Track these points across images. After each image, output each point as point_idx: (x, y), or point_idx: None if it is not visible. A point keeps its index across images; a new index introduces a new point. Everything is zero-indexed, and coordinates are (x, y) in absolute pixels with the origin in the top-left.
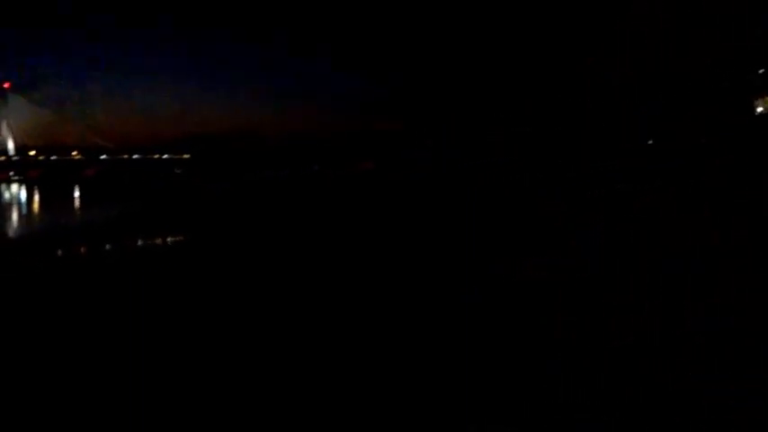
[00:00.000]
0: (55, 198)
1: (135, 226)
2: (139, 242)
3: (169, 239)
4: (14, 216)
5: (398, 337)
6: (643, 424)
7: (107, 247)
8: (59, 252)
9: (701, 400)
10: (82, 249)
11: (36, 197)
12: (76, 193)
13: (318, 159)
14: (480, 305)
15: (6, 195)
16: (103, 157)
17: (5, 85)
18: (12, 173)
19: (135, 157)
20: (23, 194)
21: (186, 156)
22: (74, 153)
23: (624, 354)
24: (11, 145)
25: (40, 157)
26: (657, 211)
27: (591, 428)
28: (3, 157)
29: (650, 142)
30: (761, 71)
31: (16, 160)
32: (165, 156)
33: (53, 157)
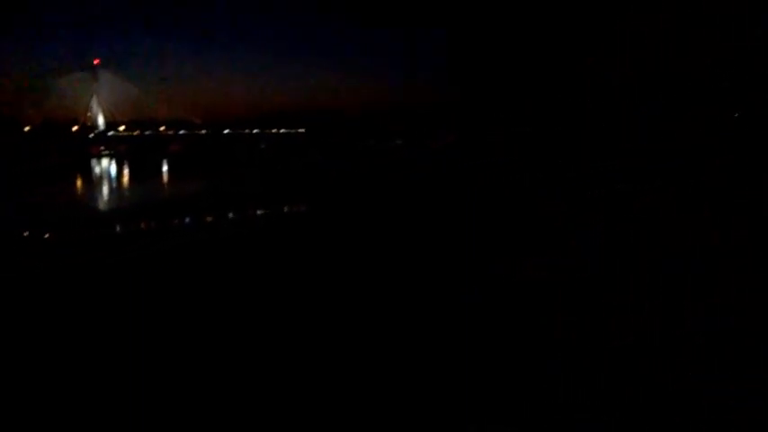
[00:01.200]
0: (143, 172)
1: (221, 201)
2: (230, 216)
3: (257, 213)
4: (105, 189)
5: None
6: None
7: (192, 221)
8: (148, 225)
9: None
10: (170, 222)
11: (125, 171)
12: (164, 168)
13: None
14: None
15: (97, 170)
16: (188, 132)
17: (95, 62)
18: (102, 147)
19: (222, 132)
20: (113, 168)
21: (272, 131)
22: (162, 128)
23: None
24: (101, 120)
25: (130, 133)
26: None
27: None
28: (93, 133)
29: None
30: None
31: (106, 135)
32: (252, 131)
33: (142, 132)
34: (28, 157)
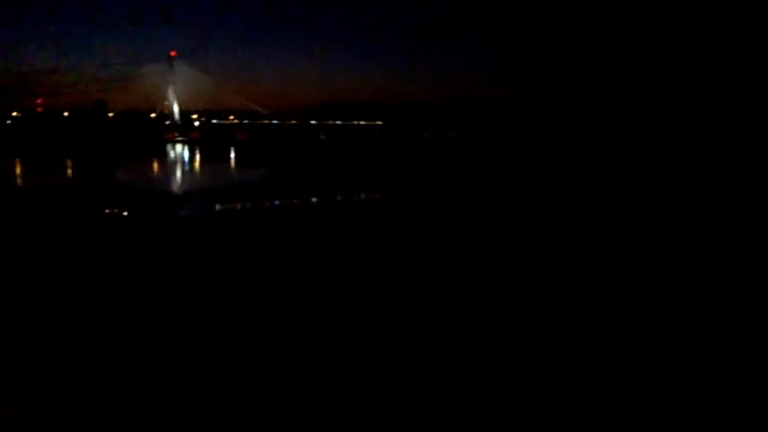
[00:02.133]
0: (213, 158)
1: (281, 187)
2: (291, 202)
3: (314, 200)
4: (178, 173)
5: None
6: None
7: (253, 205)
8: (217, 207)
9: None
10: (237, 206)
11: (197, 157)
12: (232, 154)
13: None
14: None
15: (171, 154)
16: (255, 121)
17: (172, 53)
18: (176, 134)
19: (286, 122)
20: (186, 154)
21: (331, 122)
22: (231, 117)
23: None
24: (176, 109)
25: (201, 121)
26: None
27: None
28: (169, 120)
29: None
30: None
31: (180, 123)
32: (312, 122)
33: (212, 121)
34: (111, 139)
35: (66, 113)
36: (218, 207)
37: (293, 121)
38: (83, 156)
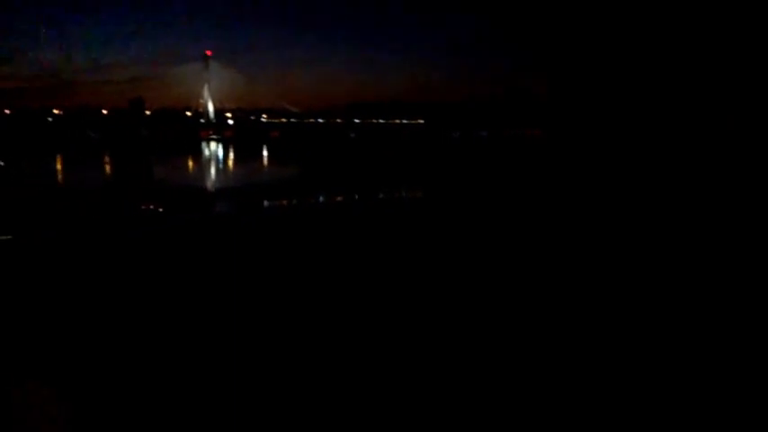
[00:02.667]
0: (246, 156)
1: (312, 185)
2: (320, 199)
3: (340, 199)
4: (212, 170)
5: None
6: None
7: (290, 202)
8: (251, 203)
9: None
10: (283, 203)
11: (230, 155)
12: (264, 152)
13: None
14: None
15: (206, 152)
16: (287, 120)
17: (207, 53)
18: (211, 132)
19: (316, 120)
20: (220, 152)
21: (358, 120)
22: (264, 116)
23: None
24: (211, 107)
25: (235, 119)
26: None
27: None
28: (204, 119)
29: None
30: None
31: (214, 121)
32: (356, 120)
33: (246, 120)
34: (148, 137)
35: (104, 111)
36: (250, 204)
37: (321, 120)
38: (121, 153)
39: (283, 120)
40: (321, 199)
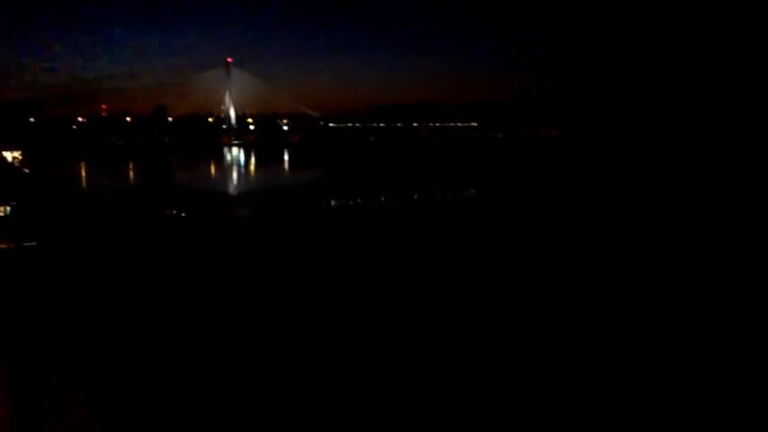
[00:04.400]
0: (267, 160)
1: (334, 189)
2: (341, 203)
3: (359, 202)
4: (234, 175)
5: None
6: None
7: (313, 206)
8: (272, 206)
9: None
10: (295, 205)
11: (252, 159)
12: (286, 157)
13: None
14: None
15: (228, 157)
16: (307, 125)
17: (228, 60)
18: (232, 138)
19: (336, 125)
20: (242, 157)
21: (380, 124)
22: (284, 121)
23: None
24: (232, 113)
25: (256, 124)
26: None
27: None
28: (225, 125)
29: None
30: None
31: (236, 127)
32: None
33: (266, 124)
34: (170, 143)
35: (128, 118)
36: (273, 207)
37: (341, 124)
38: (144, 159)
39: (304, 124)
40: (333, 203)
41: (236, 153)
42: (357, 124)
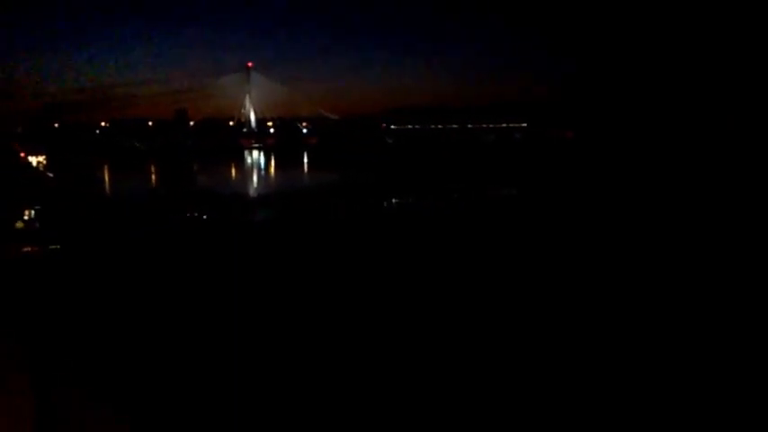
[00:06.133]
0: (287, 163)
1: (355, 190)
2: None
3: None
4: (254, 178)
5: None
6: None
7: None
8: (294, 207)
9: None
10: (312, 205)
11: (272, 162)
12: (305, 159)
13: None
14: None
15: (248, 160)
16: (326, 127)
17: (249, 65)
18: (253, 141)
19: (354, 127)
20: (262, 160)
21: (395, 127)
22: (303, 123)
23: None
24: (252, 117)
25: (276, 127)
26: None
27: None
28: (246, 128)
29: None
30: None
31: (256, 130)
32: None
33: (286, 128)
34: (192, 146)
35: (150, 123)
36: (293, 209)
37: (359, 127)
38: (166, 162)
39: (323, 127)
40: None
41: (256, 156)
42: (374, 126)
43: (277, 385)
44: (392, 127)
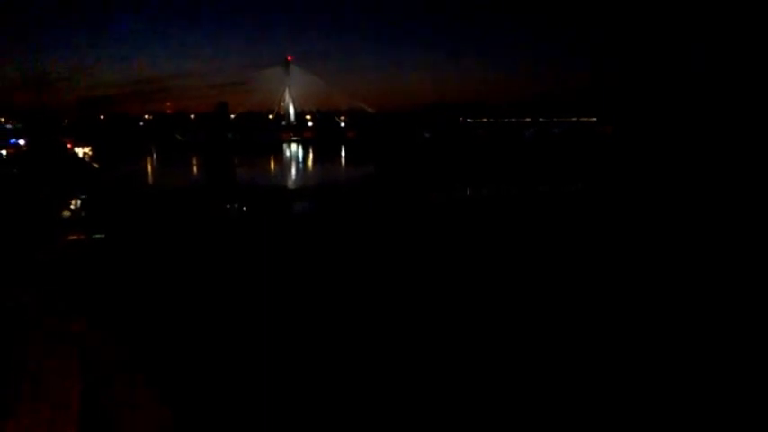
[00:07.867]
0: (325, 156)
1: (389, 184)
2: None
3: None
4: (293, 171)
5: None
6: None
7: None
8: (328, 200)
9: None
10: (346, 199)
11: (310, 155)
12: (342, 152)
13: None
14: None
15: (287, 153)
16: (364, 121)
17: (288, 58)
18: (292, 134)
19: (392, 121)
20: (300, 153)
21: (435, 121)
22: (342, 117)
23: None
24: (291, 110)
25: (315, 121)
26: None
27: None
28: (285, 121)
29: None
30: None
31: (295, 123)
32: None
33: (324, 121)
34: (232, 139)
35: (192, 116)
36: (329, 203)
37: (397, 121)
38: (207, 155)
39: (361, 121)
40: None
41: (294, 149)
42: (412, 120)
43: (309, 377)
44: (430, 121)
